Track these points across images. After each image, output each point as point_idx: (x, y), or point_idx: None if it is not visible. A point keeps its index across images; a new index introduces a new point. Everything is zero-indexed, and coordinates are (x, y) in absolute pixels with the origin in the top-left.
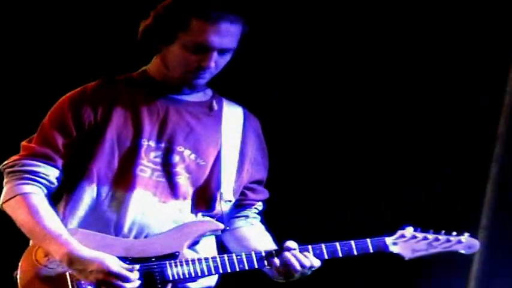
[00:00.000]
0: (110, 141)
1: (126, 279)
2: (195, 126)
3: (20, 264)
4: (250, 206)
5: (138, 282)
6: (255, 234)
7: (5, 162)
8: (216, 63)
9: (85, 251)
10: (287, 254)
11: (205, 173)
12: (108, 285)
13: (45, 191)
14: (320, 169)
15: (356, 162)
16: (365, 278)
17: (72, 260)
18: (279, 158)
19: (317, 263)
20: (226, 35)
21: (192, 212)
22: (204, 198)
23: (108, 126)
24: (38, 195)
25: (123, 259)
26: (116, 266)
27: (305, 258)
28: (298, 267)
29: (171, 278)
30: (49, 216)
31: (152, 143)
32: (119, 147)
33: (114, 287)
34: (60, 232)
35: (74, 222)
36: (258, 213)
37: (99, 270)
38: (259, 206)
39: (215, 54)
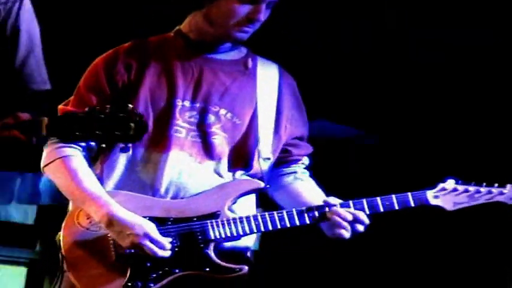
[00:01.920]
0: (143, 101)
1: (161, 246)
2: (230, 85)
3: (62, 227)
4: (295, 161)
5: (169, 252)
6: (305, 189)
7: None
8: (264, 15)
9: (125, 214)
10: (328, 210)
11: (242, 131)
12: (142, 250)
13: (84, 153)
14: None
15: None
16: None
17: (112, 221)
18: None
19: (362, 216)
20: None
21: (229, 171)
22: (241, 157)
23: (142, 86)
24: (76, 158)
25: (165, 219)
26: (154, 232)
27: (346, 213)
28: (342, 222)
29: (213, 238)
30: (88, 179)
31: (187, 103)
32: (153, 108)
33: (148, 252)
34: (99, 194)
35: (110, 185)
36: (305, 168)
37: (136, 234)
38: (306, 160)
39: (264, 7)
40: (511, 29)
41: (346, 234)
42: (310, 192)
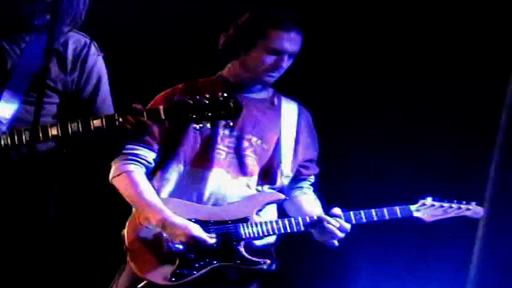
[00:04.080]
0: (193, 130)
1: (204, 242)
2: (261, 118)
3: (126, 225)
4: (304, 179)
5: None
6: (306, 201)
7: None
8: (286, 64)
9: (176, 218)
10: (325, 222)
11: (268, 154)
12: (190, 245)
13: (144, 169)
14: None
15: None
16: None
17: (165, 225)
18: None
19: (347, 227)
20: (295, 42)
21: (258, 185)
22: (268, 174)
23: None
24: (138, 173)
25: (207, 222)
26: (197, 231)
27: (345, 224)
28: (336, 231)
29: (243, 237)
30: (147, 190)
31: (227, 132)
32: (201, 135)
33: (195, 247)
34: (156, 202)
35: (165, 194)
36: (311, 185)
37: (184, 234)
38: (312, 179)
39: (286, 57)
40: None
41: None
42: (309, 203)
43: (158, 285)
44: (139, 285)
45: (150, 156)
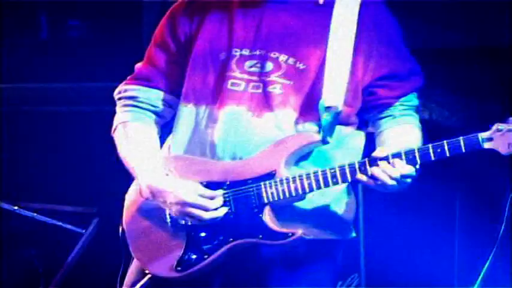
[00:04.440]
0: (202, 53)
1: (204, 209)
2: (294, 26)
3: (126, 196)
4: (387, 105)
5: (222, 210)
6: (395, 136)
7: (116, 89)
8: None
9: (164, 183)
10: (372, 168)
11: (307, 77)
12: (190, 216)
13: (151, 115)
14: None
15: None
16: None
17: (154, 192)
18: None
19: (408, 170)
20: None
21: (297, 123)
22: (307, 107)
23: (202, 37)
24: (135, 123)
25: (221, 183)
26: (191, 196)
27: (391, 169)
28: (385, 179)
29: (266, 201)
30: (140, 148)
31: (246, 52)
32: (212, 60)
33: (195, 218)
34: (145, 164)
35: (177, 148)
36: (408, 109)
37: (176, 202)
38: (407, 102)
39: None
40: None
41: (389, 187)
42: (399, 138)
43: (163, 279)
44: (140, 283)
45: (154, 97)
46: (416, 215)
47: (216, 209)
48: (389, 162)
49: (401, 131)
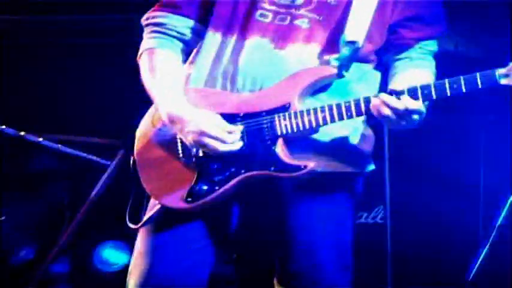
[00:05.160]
0: None
1: (222, 141)
2: None
3: (139, 126)
4: (407, 46)
5: (238, 144)
6: (410, 76)
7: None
8: None
9: (185, 111)
10: (375, 100)
11: (336, 13)
12: (204, 147)
13: (178, 43)
14: None
15: None
16: None
17: (173, 118)
18: None
19: (413, 105)
20: None
21: (315, 58)
22: (330, 42)
23: None
24: (161, 50)
25: (235, 115)
26: (212, 127)
27: (397, 102)
28: (389, 113)
29: (279, 133)
30: (163, 75)
31: None
32: None
33: (210, 149)
34: (168, 91)
35: (198, 77)
36: (426, 54)
37: (194, 131)
38: (427, 45)
39: None
40: None
41: (396, 124)
42: (414, 79)
43: (174, 210)
44: (149, 214)
45: (182, 24)
46: (444, 147)
47: (232, 143)
48: (399, 98)
49: (416, 73)
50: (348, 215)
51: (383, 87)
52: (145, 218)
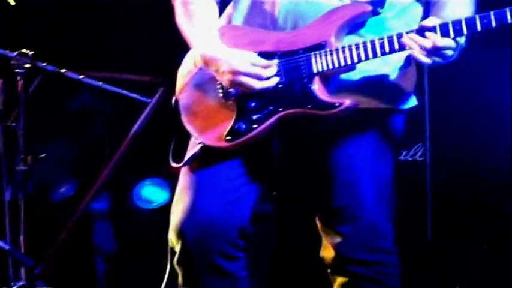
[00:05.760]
0: None
1: (256, 77)
2: None
3: (181, 65)
4: None
5: (274, 80)
6: (447, 7)
7: None
8: None
9: (218, 52)
10: (405, 38)
11: None
12: (241, 85)
13: None
14: None
15: None
16: None
17: (207, 60)
18: None
19: (442, 42)
20: None
21: None
22: None
23: None
24: None
25: (273, 54)
26: (245, 64)
27: (424, 40)
28: (419, 50)
29: (315, 71)
30: (197, 16)
31: None
32: None
33: (246, 87)
34: (203, 33)
35: (237, 19)
36: None
37: (228, 71)
38: None
39: None
40: None
41: (426, 60)
42: (451, 12)
43: (214, 148)
44: (191, 153)
45: None
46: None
47: (268, 78)
48: (425, 36)
49: (458, 2)
50: (388, 152)
51: None
52: (187, 157)
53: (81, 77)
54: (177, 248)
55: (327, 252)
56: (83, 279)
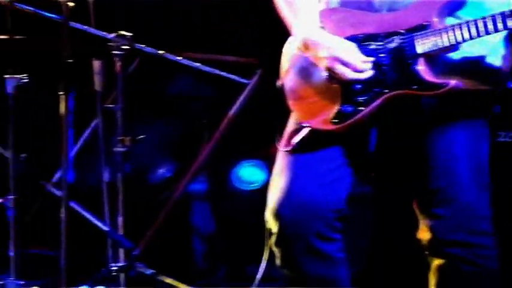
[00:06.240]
0: None
1: (353, 68)
2: None
3: (283, 50)
4: None
5: (367, 73)
6: None
7: None
8: None
9: (321, 37)
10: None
11: None
12: (335, 72)
13: None
14: None
15: None
16: None
17: (307, 44)
18: None
19: None
20: None
21: None
22: None
23: None
24: None
25: (376, 35)
26: (346, 53)
27: None
28: None
29: (420, 52)
30: (298, 1)
31: None
32: None
33: (340, 77)
34: (303, 17)
35: (333, 2)
36: None
37: (327, 56)
38: None
39: None
40: None
41: None
42: None
43: (319, 131)
44: (300, 135)
45: None
46: None
47: (362, 71)
48: None
49: None
50: (485, 133)
51: None
52: (294, 141)
53: (179, 58)
54: (274, 229)
55: (424, 234)
56: (181, 260)
